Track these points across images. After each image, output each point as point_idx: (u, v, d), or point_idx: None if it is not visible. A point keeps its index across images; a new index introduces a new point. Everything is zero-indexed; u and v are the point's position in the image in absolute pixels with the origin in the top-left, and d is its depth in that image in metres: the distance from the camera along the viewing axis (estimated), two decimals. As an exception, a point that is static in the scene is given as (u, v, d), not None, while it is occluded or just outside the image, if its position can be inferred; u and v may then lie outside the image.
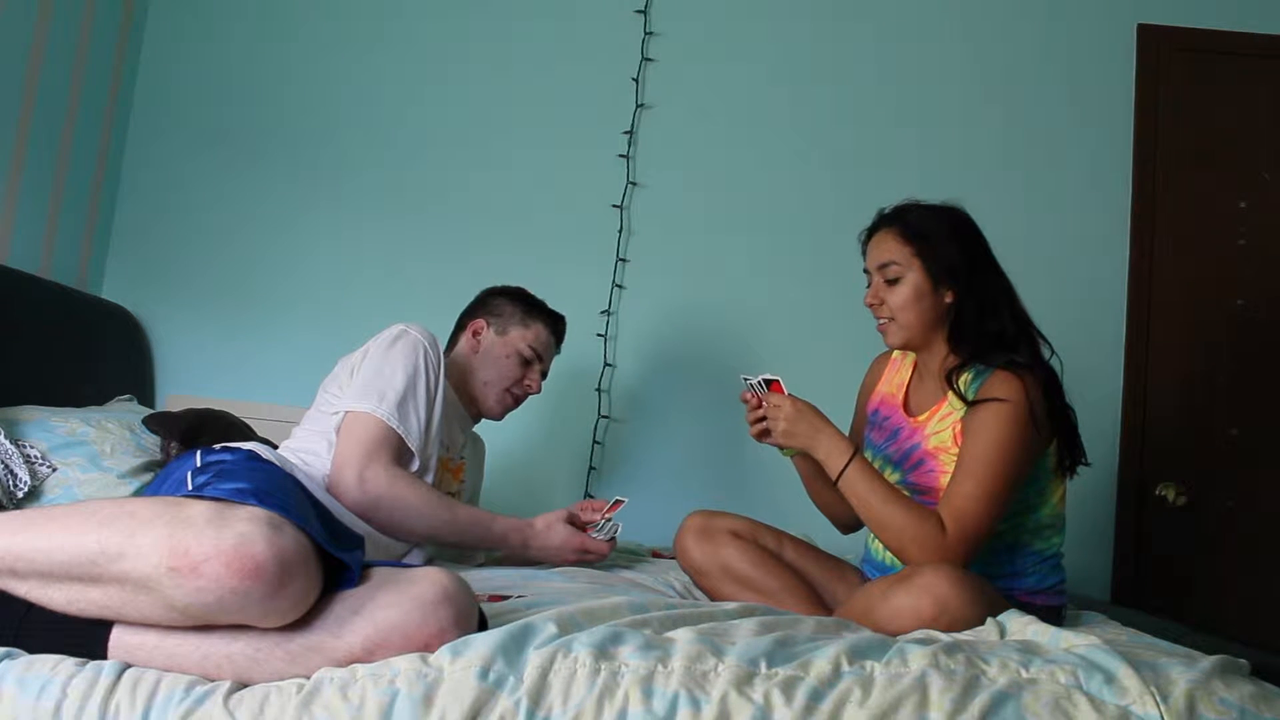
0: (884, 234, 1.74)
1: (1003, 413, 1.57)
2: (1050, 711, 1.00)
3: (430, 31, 2.92)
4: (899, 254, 1.70)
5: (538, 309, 2.09)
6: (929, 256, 1.69)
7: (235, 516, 1.03)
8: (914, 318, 1.70)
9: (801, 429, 1.66)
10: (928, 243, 1.69)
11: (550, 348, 2.10)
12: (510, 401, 2.05)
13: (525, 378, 2.04)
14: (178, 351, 2.81)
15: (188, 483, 1.29)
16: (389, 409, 1.71)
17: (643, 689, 1.00)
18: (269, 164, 2.87)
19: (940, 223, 1.72)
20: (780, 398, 1.68)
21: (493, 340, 2.03)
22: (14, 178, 2.45)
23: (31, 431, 2.02)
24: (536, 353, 2.04)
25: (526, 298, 2.11)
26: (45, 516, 1.10)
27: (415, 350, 1.80)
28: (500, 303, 2.08)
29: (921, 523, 1.55)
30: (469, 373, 2.02)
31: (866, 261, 1.78)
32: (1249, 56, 2.81)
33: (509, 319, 2.05)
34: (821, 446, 1.65)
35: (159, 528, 1.02)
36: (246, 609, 1.02)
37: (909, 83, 2.87)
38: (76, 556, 1.04)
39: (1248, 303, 2.74)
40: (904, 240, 1.71)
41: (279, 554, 1.01)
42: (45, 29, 2.50)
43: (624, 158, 2.86)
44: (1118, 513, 2.71)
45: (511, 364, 2.01)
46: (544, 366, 2.08)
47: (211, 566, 0.99)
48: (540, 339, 2.05)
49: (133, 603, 1.05)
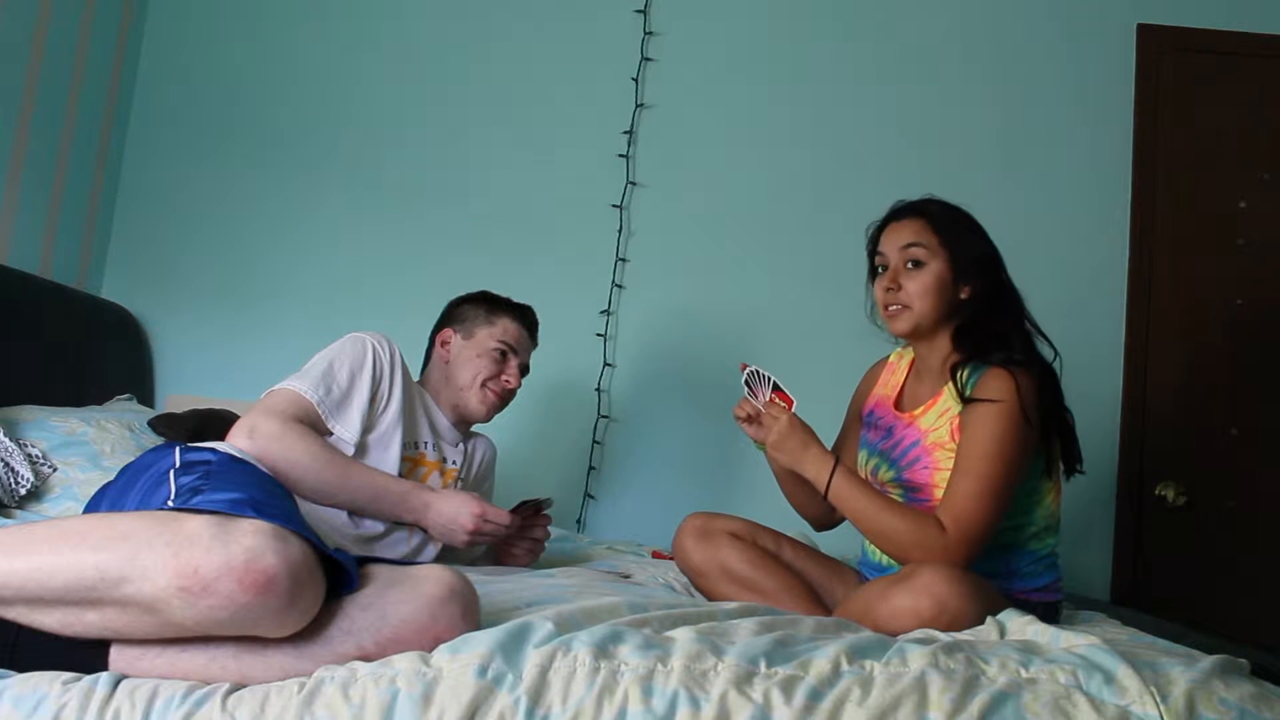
0: (909, 220, 1.73)
1: (998, 411, 1.58)
2: (1050, 711, 1.00)
3: (430, 32, 2.92)
4: (926, 239, 1.70)
5: (501, 304, 2.05)
6: (955, 247, 1.69)
7: (240, 530, 1.01)
8: (929, 306, 1.69)
9: (791, 446, 1.67)
10: (954, 234, 1.70)
11: (522, 340, 2.05)
12: (492, 399, 1.99)
13: (502, 373, 2.00)
14: (178, 351, 2.81)
15: (170, 482, 1.27)
16: (303, 382, 1.73)
17: (642, 688, 1.00)
18: (269, 164, 2.88)
19: (965, 219, 1.74)
20: (779, 410, 1.69)
21: (460, 345, 2.00)
22: (14, 178, 2.45)
23: (31, 431, 2.02)
24: (508, 346, 2.00)
25: (489, 297, 2.07)
26: (26, 540, 1.03)
27: (352, 343, 1.82)
28: (463, 309, 2.05)
29: (921, 526, 1.55)
30: (445, 383, 2.00)
31: (882, 245, 1.75)
32: (1249, 56, 2.81)
33: (473, 321, 2.02)
34: (810, 466, 1.66)
35: (160, 548, 0.99)
36: (260, 622, 1.00)
37: (909, 82, 2.87)
38: (72, 582, 1.00)
39: (1247, 303, 2.74)
40: (931, 228, 1.70)
41: (290, 566, 1.00)
42: (45, 29, 2.50)
43: (624, 158, 2.86)
44: (1117, 513, 2.71)
45: (484, 362, 1.98)
46: (520, 360, 2.04)
47: (223, 584, 0.97)
48: (509, 332, 2.01)
49: (135, 623, 1.02)
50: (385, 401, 1.82)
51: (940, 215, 1.72)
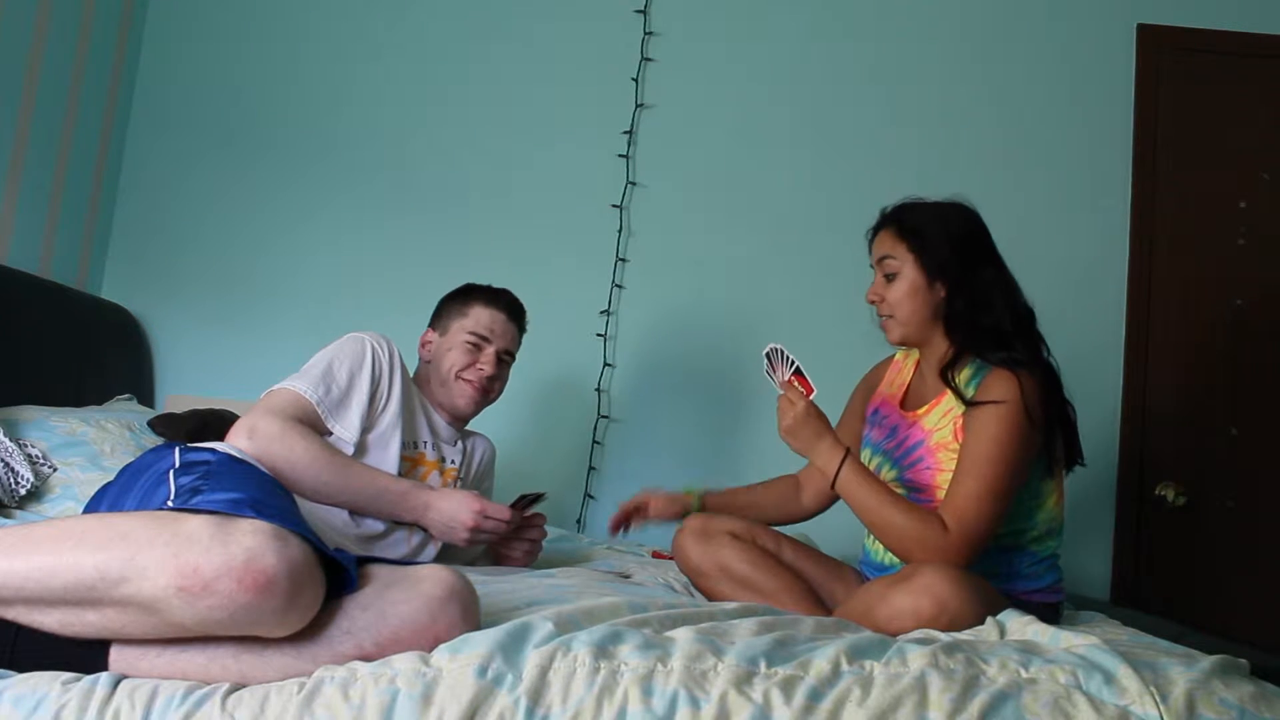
0: (884, 232, 1.79)
1: (1001, 411, 1.59)
2: (1050, 711, 1.00)
3: (430, 32, 2.92)
4: (896, 250, 1.75)
5: (476, 293, 2.02)
6: (922, 252, 1.72)
7: (239, 530, 1.01)
8: (910, 312, 1.74)
9: (805, 433, 1.68)
10: (921, 239, 1.73)
11: (498, 326, 1.99)
12: (469, 390, 1.95)
13: (475, 362, 1.96)
14: (178, 351, 2.81)
15: (169, 482, 1.27)
16: (303, 382, 1.73)
17: (642, 688, 1.00)
18: (269, 163, 2.88)
19: (934, 219, 1.75)
20: (797, 395, 1.69)
21: (438, 342, 1.99)
22: (14, 178, 2.45)
23: (31, 431, 2.02)
24: (479, 335, 1.96)
25: (466, 289, 2.04)
26: (25, 540, 1.04)
27: (351, 342, 1.82)
28: (442, 307, 2.04)
29: (924, 524, 1.56)
30: (429, 380, 1.99)
31: (871, 259, 1.82)
32: (1249, 56, 2.81)
33: (448, 316, 2.01)
34: (821, 454, 1.67)
35: (159, 548, 0.99)
36: (260, 622, 1.00)
37: (908, 82, 2.87)
38: (72, 583, 1.00)
39: (1247, 303, 2.74)
40: (899, 237, 1.75)
41: (290, 566, 1.00)
42: (45, 29, 2.50)
43: (624, 158, 2.86)
44: (1117, 513, 2.71)
45: (459, 354, 1.95)
46: (498, 347, 1.99)
47: (223, 584, 0.97)
48: (481, 321, 1.97)
49: (135, 623, 1.02)
50: (384, 401, 1.82)
51: (907, 221, 1.76)
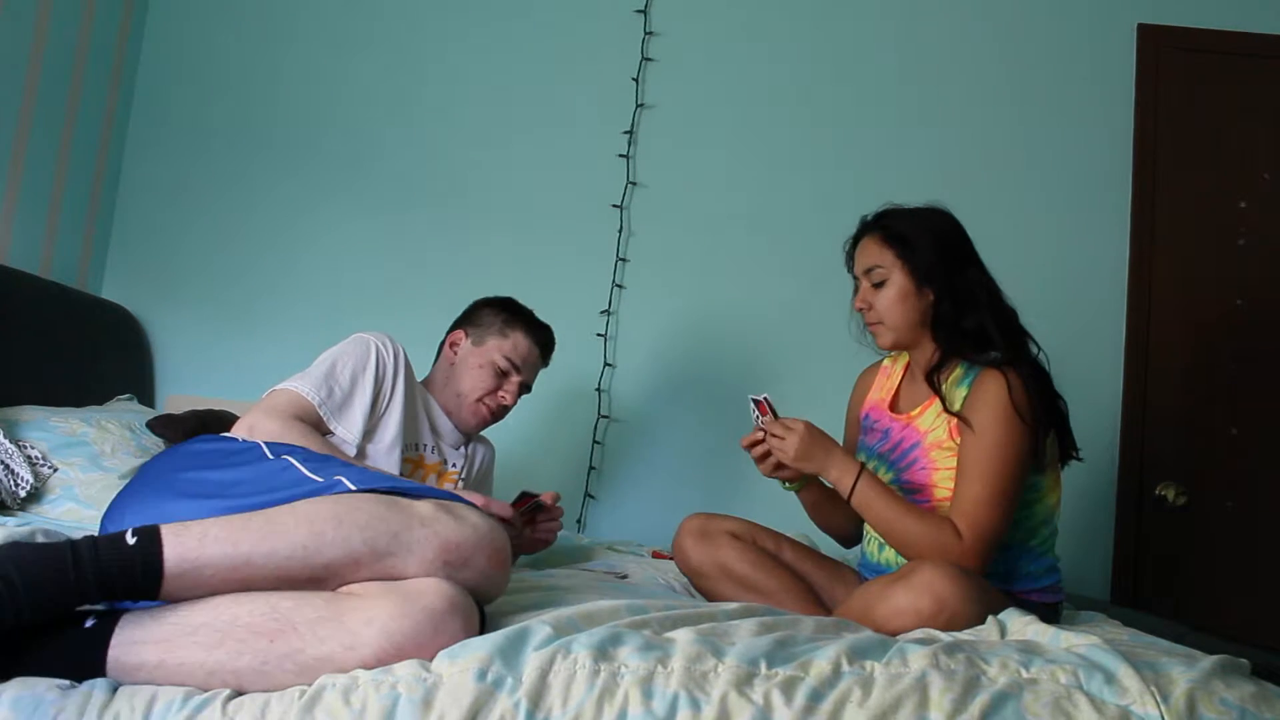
0: (867, 240, 1.79)
1: (998, 412, 1.59)
2: (1050, 711, 1.00)
3: (430, 32, 2.92)
4: (883, 258, 1.75)
5: (520, 318, 1.99)
6: (910, 259, 1.73)
7: (464, 511, 1.16)
8: (900, 318, 1.74)
9: (817, 454, 1.67)
10: (908, 245, 1.73)
11: (531, 359, 1.98)
12: (485, 413, 1.95)
13: (499, 389, 1.94)
14: (178, 351, 2.81)
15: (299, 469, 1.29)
16: (305, 383, 1.73)
17: (642, 689, 1.00)
18: (269, 164, 2.87)
19: (918, 225, 1.76)
20: (793, 422, 1.68)
21: (468, 350, 1.96)
22: (14, 178, 2.45)
23: (31, 431, 2.02)
24: (513, 364, 1.94)
25: (512, 307, 2.01)
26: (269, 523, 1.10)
27: (356, 344, 1.82)
28: (484, 313, 2.00)
29: (938, 532, 1.57)
30: (445, 384, 1.97)
31: (854, 268, 1.82)
32: (1249, 56, 2.81)
33: (487, 328, 1.97)
34: (834, 468, 1.67)
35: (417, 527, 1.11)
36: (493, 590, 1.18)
37: (908, 83, 2.87)
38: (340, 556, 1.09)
39: (1247, 303, 2.74)
40: (885, 245, 1.75)
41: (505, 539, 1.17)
42: (45, 29, 2.50)
43: (624, 158, 2.86)
44: (1117, 513, 2.71)
45: (485, 374, 1.93)
46: (523, 379, 1.97)
47: (478, 558, 1.13)
48: (518, 350, 1.95)
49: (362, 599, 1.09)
50: (387, 403, 1.82)
51: (892, 228, 1.76)
